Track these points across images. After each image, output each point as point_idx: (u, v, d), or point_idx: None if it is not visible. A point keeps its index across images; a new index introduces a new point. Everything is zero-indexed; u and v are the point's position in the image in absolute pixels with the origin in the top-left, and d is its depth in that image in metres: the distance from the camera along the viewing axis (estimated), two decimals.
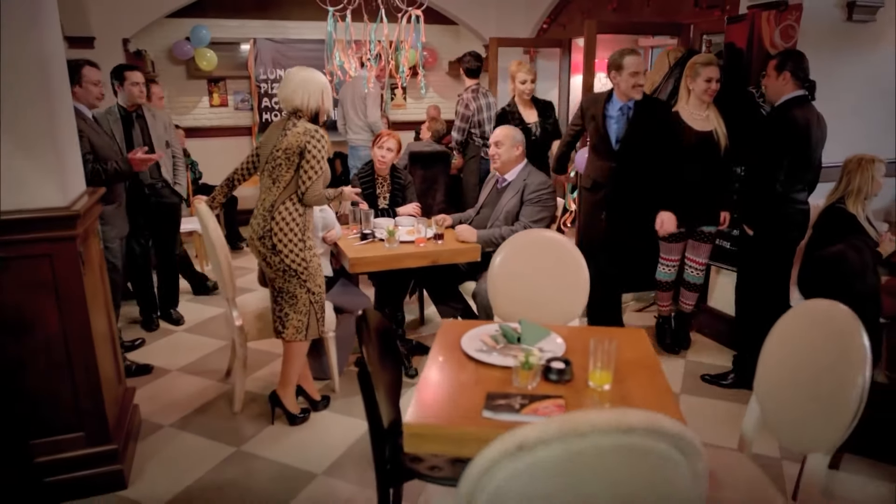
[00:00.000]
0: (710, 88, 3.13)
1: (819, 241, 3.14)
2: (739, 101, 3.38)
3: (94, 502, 2.42)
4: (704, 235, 3.44)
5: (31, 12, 2.11)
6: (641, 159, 3.34)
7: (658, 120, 3.32)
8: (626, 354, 1.96)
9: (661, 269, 3.59)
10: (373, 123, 5.53)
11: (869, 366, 1.53)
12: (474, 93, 4.96)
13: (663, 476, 1.09)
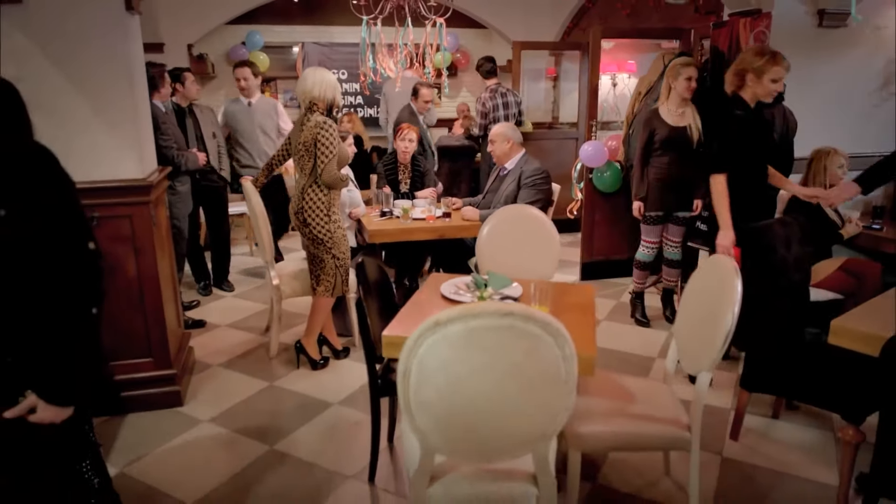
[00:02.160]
0: (689, 86, 3.55)
1: None
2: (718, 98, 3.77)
3: (157, 414, 3.06)
4: (679, 220, 3.85)
5: (121, 28, 2.75)
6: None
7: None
8: (570, 300, 2.46)
9: (641, 250, 4.02)
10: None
11: (737, 305, 1.98)
12: (492, 92, 5.47)
13: (537, 352, 1.59)
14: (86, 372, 1.45)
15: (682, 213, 3.82)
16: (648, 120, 3.69)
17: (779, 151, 3.38)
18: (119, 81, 2.76)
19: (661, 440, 2.14)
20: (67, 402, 1.42)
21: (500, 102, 5.44)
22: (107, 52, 2.71)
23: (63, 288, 1.40)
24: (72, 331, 1.41)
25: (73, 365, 1.41)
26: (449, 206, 3.98)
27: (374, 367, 2.43)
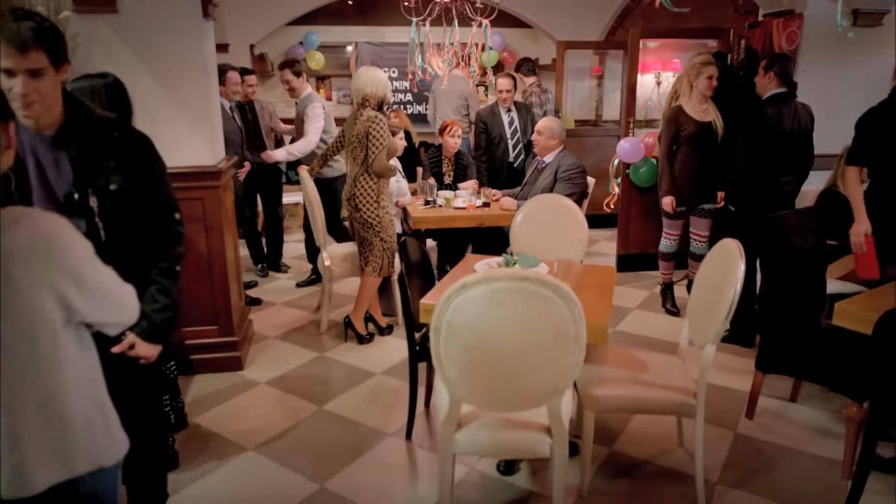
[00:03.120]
0: (710, 84, 3.71)
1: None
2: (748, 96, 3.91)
3: (221, 376, 3.44)
4: (704, 212, 4.00)
5: (199, 34, 3.13)
6: None
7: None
8: (592, 279, 2.70)
9: (663, 241, 4.19)
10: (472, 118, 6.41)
11: (740, 284, 2.17)
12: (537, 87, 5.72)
13: (549, 313, 1.84)
14: (170, 317, 1.78)
15: (707, 206, 3.97)
16: (674, 116, 3.86)
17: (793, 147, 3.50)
18: (196, 81, 3.14)
19: (668, 405, 2.35)
20: (159, 341, 1.76)
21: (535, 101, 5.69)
22: (187, 56, 3.09)
23: (158, 246, 1.75)
24: (163, 282, 1.75)
25: (163, 309, 1.75)
26: (489, 197, 4.25)
27: (412, 336, 2.72)
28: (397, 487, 2.54)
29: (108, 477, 1.39)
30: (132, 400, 1.53)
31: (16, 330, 1.15)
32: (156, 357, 1.77)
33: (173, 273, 1.79)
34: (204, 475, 2.59)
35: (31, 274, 1.13)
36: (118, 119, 1.76)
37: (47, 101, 1.51)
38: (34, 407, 1.20)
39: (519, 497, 2.48)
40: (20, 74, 1.44)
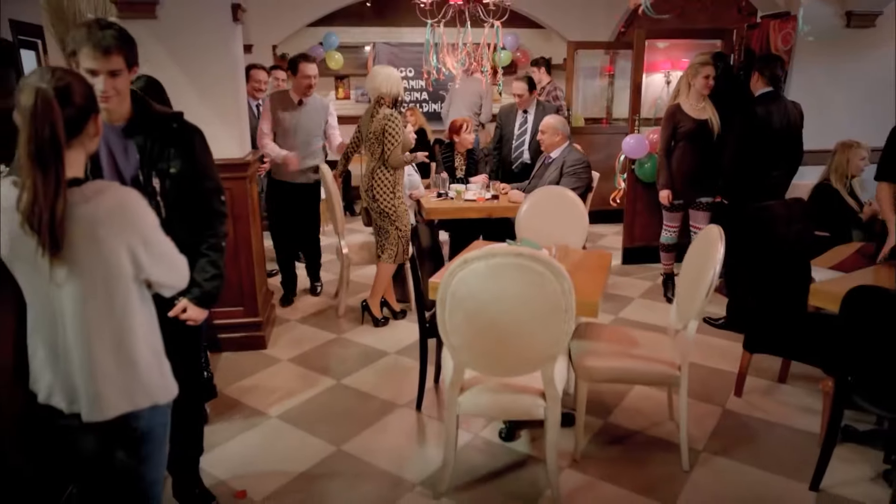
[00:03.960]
0: (707, 84, 3.91)
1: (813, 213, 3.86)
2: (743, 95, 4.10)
3: (246, 354, 3.71)
4: (703, 205, 4.20)
5: (229, 34, 3.40)
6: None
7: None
8: (588, 262, 2.93)
9: (664, 234, 4.39)
10: (487, 118, 6.65)
11: (719, 264, 2.39)
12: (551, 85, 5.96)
13: (542, 286, 2.07)
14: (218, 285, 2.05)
15: (705, 199, 4.16)
16: (672, 114, 4.06)
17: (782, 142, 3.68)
18: (227, 81, 3.41)
19: (654, 376, 2.57)
20: (208, 306, 2.03)
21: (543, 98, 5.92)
22: (218, 57, 3.37)
23: (206, 223, 2.02)
24: (212, 255, 2.02)
25: (212, 279, 2.01)
26: (498, 190, 4.48)
27: (423, 314, 2.97)
28: (407, 450, 2.79)
29: (162, 414, 1.65)
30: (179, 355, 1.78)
31: (97, 281, 1.41)
32: (202, 321, 2.04)
33: (220, 247, 2.06)
34: (232, 437, 2.87)
35: (111, 235, 1.39)
36: (176, 113, 2.03)
37: (122, 97, 1.79)
38: (108, 347, 1.46)
39: (518, 460, 2.71)
40: (102, 74, 1.71)
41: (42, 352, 1.51)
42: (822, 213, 3.89)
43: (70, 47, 1.72)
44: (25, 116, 1.27)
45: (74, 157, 1.39)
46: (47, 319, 1.46)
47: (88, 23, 1.74)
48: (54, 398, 1.53)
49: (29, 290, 1.47)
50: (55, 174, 1.29)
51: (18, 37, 5.17)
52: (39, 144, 1.26)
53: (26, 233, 1.33)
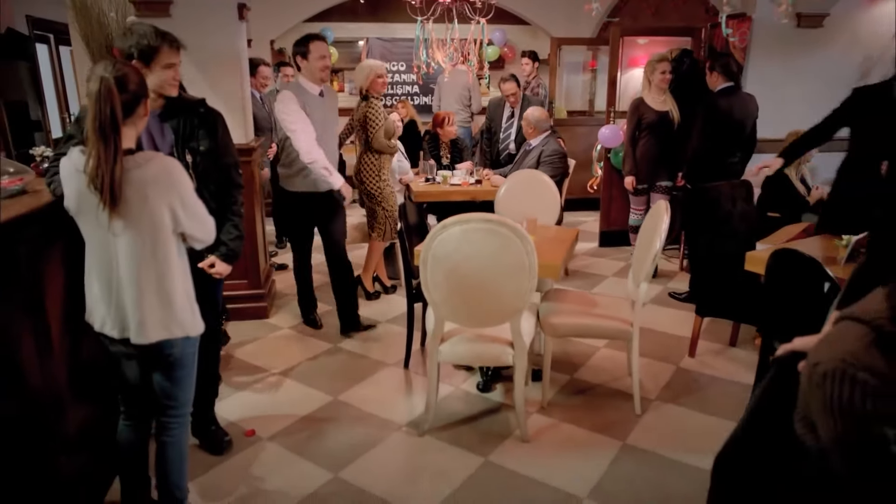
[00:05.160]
0: (665, 78, 4.29)
1: (764, 195, 4.26)
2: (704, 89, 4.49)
3: (250, 322, 4.08)
4: (663, 188, 4.59)
5: (235, 31, 3.76)
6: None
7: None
8: (556, 235, 3.31)
9: (631, 216, 4.79)
10: (477, 109, 7.03)
11: (664, 234, 2.77)
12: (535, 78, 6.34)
13: (508, 248, 2.45)
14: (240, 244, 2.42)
15: (664, 183, 4.56)
16: (636, 107, 4.44)
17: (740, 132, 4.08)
18: (234, 73, 3.77)
19: (609, 331, 2.95)
20: (232, 261, 2.40)
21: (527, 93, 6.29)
22: (226, 52, 3.72)
23: (230, 193, 2.39)
24: (234, 219, 2.38)
25: (236, 238, 2.38)
26: (481, 176, 4.85)
27: (410, 281, 3.34)
28: (395, 399, 3.17)
29: (191, 345, 2.02)
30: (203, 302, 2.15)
31: (145, 232, 1.78)
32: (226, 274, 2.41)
33: (240, 213, 2.44)
34: (240, 389, 3.24)
35: (157, 194, 1.75)
36: (201, 99, 2.40)
37: (176, 86, 2.18)
38: (151, 284, 1.83)
39: (493, 407, 3.10)
40: (169, 69, 2.09)
41: (97, 288, 1.87)
42: (775, 197, 4.28)
43: (133, 49, 2.08)
44: (92, 99, 1.63)
45: (128, 132, 1.75)
46: (104, 262, 1.83)
47: (152, 27, 2.13)
48: (106, 327, 1.89)
49: (90, 238, 1.83)
50: (114, 145, 1.66)
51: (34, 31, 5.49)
52: (102, 121, 1.63)
53: (91, 191, 1.69)
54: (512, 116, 5.37)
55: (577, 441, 2.81)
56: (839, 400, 1.17)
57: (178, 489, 2.11)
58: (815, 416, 1.25)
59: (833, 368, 1.19)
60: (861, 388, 1.15)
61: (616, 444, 2.78)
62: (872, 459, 1.14)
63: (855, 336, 1.23)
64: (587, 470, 2.59)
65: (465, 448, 2.74)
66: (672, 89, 4.56)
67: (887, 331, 1.19)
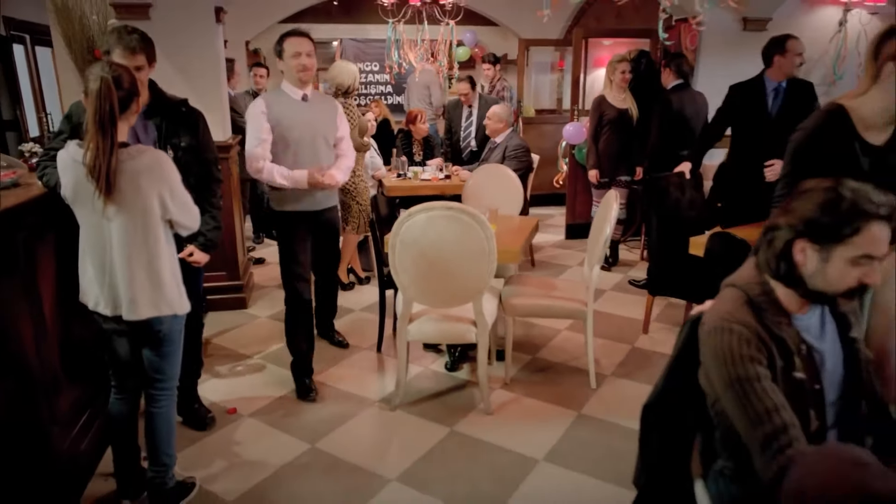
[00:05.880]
0: (624, 77, 4.57)
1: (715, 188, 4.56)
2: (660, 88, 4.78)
3: (230, 312, 4.26)
4: (623, 182, 4.87)
5: (213, 33, 3.94)
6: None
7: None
8: (518, 224, 3.56)
9: (593, 208, 5.06)
10: (438, 105, 7.27)
11: (613, 220, 3.02)
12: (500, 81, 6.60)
13: (470, 233, 2.68)
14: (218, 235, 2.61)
15: (624, 178, 4.84)
16: (598, 105, 4.72)
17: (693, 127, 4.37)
18: (210, 74, 3.95)
19: (565, 310, 3.21)
20: (209, 251, 2.59)
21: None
22: (204, 53, 3.90)
23: (209, 187, 2.58)
24: (212, 211, 2.58)
25: (214, 229, 2.57)
26: (450, 171, 5.09)
27: (381, 269, 3.56)
28: (368, 379, 3.39)
29: (179, 322, 2.21)
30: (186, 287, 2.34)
31: (136, 217, 1.97)
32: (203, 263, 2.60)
33: (218, 205, 2.63)
34: (221, 373, 3.43)
35: (149, 184, 1.95)
36: (183, 99, 2.58)
37: (144, 86, 2.33)
38: (142, 266, 2.02)
39: (459, 385, 3.33)
40: (138, 68, 2.25)
41: (91, 270, 2.06)
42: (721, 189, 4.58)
43: (104, 48, 2.27)
44: (93, 96, 1.82)
45: (122, 127, 1.94)
46: (98, 246, 2.01)
47: (118, 29, 2.30)
48: (100, 306, 2.08)
49: (85, 224, 2.02)
50: (111, 138, 1.85)
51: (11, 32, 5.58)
52: (102, 116, 1.82)
53: (88, 180, 1.88)
54: (470, 116, 5.61)
55: (537, 412, 3.06)
56: (721, 348, 1.44)
57: (167, 455, 2.30)
58: (708, 366, 1.51)
59: (715, 324, 1.47)
60: (737, 337, 1.42)
61: (572, 413, 3.03)
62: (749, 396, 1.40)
63: (732, 298, 1.51)
64: (544, 436, 2.84)
65: (433, 420, 2.97)
66: (631, 88, 4.84)
67: (755, 293, 1.47)
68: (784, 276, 1.46)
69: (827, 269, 1.40)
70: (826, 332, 1.53)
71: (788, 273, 1.45)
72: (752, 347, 1.42)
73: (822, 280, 1.41)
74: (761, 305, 1.48)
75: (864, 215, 1.35)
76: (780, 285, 1.49)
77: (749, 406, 1.38)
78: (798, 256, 1.43)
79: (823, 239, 1.39)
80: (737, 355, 1.41)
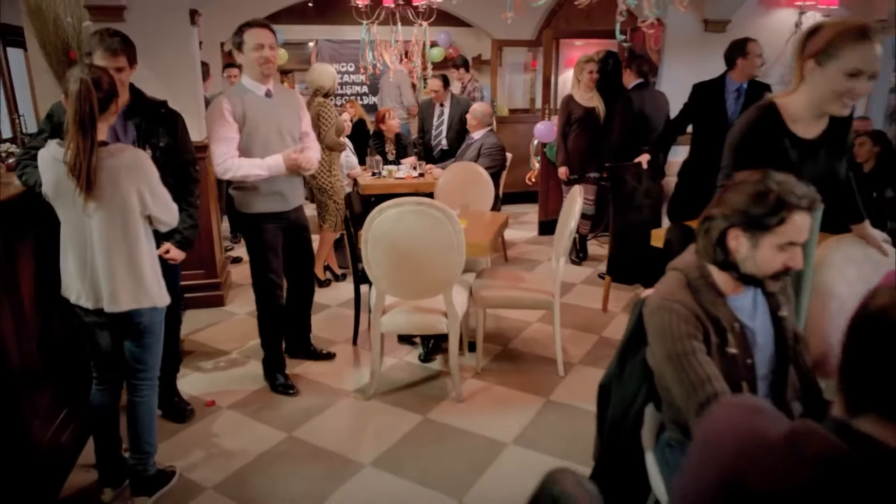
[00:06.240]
0: (592, 77, 4.73)
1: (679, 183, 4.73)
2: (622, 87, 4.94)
3: (208, 310, 4.32)
4: (591, 179, 5.03)
5: (188, 35, 4.00)
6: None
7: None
8: (486, 219, 3.69)
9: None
10: (409, 105, 7.40)
11: (577, 214, 3.17)
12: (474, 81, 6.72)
13: (439, 227, 2.80)
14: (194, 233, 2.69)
15: (593, 174, 5.00)
16: (566, 104, 4.87)
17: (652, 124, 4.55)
18: (188, 74, 4.02)
19: (533, 301, 3.34)
20: (186, 248, 2.67)
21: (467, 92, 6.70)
22: (179, 55, 3.97)
23: (185, 185, 2.66)
24: (189, 210, 2.66)
25: (191, 227, 2.66)
26: (424, 170, 5.21)
27: (356, 264, 3.66)
28: (344, 371, 3.49)
29: (158, 314, 2.30)
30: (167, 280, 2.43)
31: (116, 213, 2.06)
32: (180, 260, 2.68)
33: (196, 204, 2.71)
34: (200, 368, 3.51)
35: (128, 180, 2.03)
36: (163, 101, 2.66)
37: (124, 87, 2.41)
38: (123, 260, 2.11)
39: (432, 375, 3.45)
40: (111, 71, 2.33)
41: (73, 266, 2.14)
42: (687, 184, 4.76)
43: (85, 49, 2.35)
44: (73, 98, 1.90)
45: (102, 126, 2.02)
46: (79, 241, 2.09)
47: (101, 31, 2.38)
48: (82, 299, 2.16)
49: (66, 220, 2.10)
50: (91, 137, 1.93)
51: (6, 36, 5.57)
52: (82, 117, 1.90)
53: (69, 178, 1.96)
54: (442, 115, 5.74)
55: (506, 399, 3.19)
56: (661, 325, 1.58)
57: (149, 444, 2.38)
58: (652, 342, 1.65)
59: (658, 304, 1.61)
60: (676, 315, 1.56)
61: (540, 400, 3.17)
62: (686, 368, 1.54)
63: (673, 280, 1.66)
64: (513, 422, 2.97)
65: (406, 408, 3.09)
66: (599, 87, 4.99)
67: (693, 276, 1.62)
68: (720, 262, 1.61)
69: (757, 254, 1.54)
70: (758, 311, 1.68)
71: (724, 258, 1.60)
72: (690, 325, 1.56)
73: (753, 264, 1.56)
74: (699, 287, 1.62)
75: (788, 207, 1.50)
76: (716, 269, 1.63)
77: (685, 377, 1.52)
78: (732, 243, 1.57)
79: (753, 228, 1.53)
80: (675, 332, 1.55)
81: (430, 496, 2.47)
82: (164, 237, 2.57)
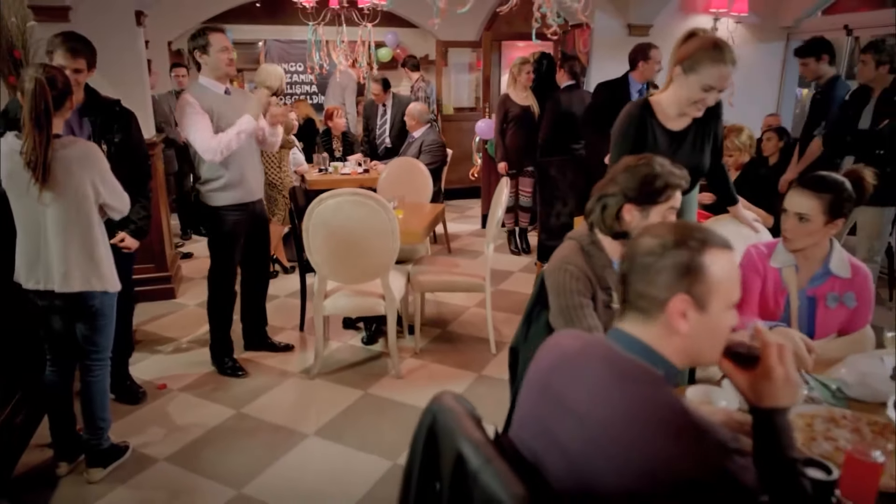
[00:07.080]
0: (529, 77, 5.05)
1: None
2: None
3: (158, 303, 4.46)
4: (528, 173, 5.35)
5: (134, 36, 4.14)
6: None
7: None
8: (424, 210, 3.95)
9: None
10: (349, 110, 7.61)
11: (504, 203, 3.46)
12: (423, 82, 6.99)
13: (374, 216, 3.05)
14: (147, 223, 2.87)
15: (530, 168, 5.32)
16: (503, 102, 5.19)
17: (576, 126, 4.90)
18: (134, 75, 4.15)
19: (466, 284, 3.62)
20: (140, 238, 2.85)
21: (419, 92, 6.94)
22: (125, 56, 4.10)
23: (140, 179, 2.83)
24: (143, 201, 2.84)
25: (144, 218, 2.84)
26: (369, 165, 5.45)
27: (301, 254, 3.87)
28: (291, 354, 3.70)
29: (111, 298, 2.48)
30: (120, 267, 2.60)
31: (70, 202, 2.23)
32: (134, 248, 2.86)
33: (148, 196, 2.91)
34: (152, 354, 3.67)
35: (81, 170, 2.21)
36: (116, 100, 2.83)
37: (80, 87, 2.58)
38: (77, 245, 2.29)
39: (374, 356, 3.69)
40: (69, 71, 2.49)
41: (27, 251, 2.31)
42: None
43: (48, 48, 2.51)
44: (28, 95, 2.07)
45: (57, 122, 2.20)
46: (33, 229, 2.26)
47: (64, 33, 2.56)
48: (33, 283, 2.33)
49: (20, 210, 2.26)
50: (46, 132, 2.11)
51: None
52: (37, 113, 2.07)
53: (25, 170, 2.14)
54: (385, 114, 5.98)
55: (442, 375, 3.46)
56: (556, 283, 1.87)
57: (102, 420, 2.56)
58: (550, 300, 1.94)
59: (555, 266, 1.90)
60: (569, 275, 1.85)
61: (473, 375, 3.45)
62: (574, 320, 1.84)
63: (569, 247, 1.95)
64: None
65: (348, 385, 3.33)
66: (533, 87, 5.32)
67: (586, 243, 1.92)
68: (615, 232, 1.90)
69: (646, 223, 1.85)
70: None
71: (619, 230, 1.90)
72: (581, 283, 1.85)
73: None
74: (591, 252, 1.92)
75: (671, 186, 1.82)
76: (606, 238, 1.93)
77: (574, 327, 1.82)
78: (626, 216, 1.87)
79: (644, 203, 1.83)
80: (567, 289, 1.85)
81: (366, 459, 2.72)
82: (118, 226, 2.75)
